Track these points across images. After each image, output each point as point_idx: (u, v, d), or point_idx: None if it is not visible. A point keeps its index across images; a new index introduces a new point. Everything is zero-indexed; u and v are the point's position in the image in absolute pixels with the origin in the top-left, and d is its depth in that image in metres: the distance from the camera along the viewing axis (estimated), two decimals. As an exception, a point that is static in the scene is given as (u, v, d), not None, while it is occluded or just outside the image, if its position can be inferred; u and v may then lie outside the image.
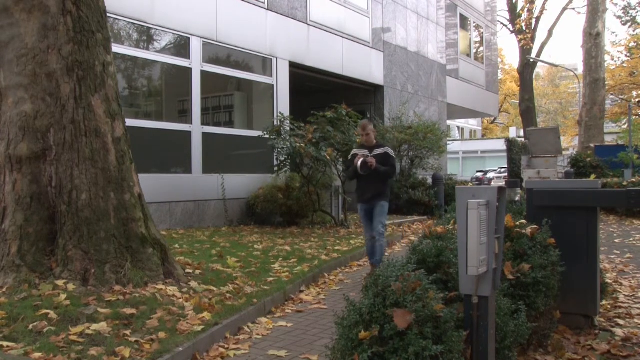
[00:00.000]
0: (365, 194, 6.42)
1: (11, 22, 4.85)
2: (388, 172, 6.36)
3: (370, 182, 6.32)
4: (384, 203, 6.40)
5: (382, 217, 6.36)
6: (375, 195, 6.36)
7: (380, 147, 6.54)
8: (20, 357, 3.11)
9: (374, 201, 6.36)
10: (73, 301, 4.17)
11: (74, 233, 4.77)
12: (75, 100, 4.90)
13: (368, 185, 6.36)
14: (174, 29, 10.26)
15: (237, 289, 5.14)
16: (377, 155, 6.34)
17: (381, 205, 6.35)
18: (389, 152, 6.47)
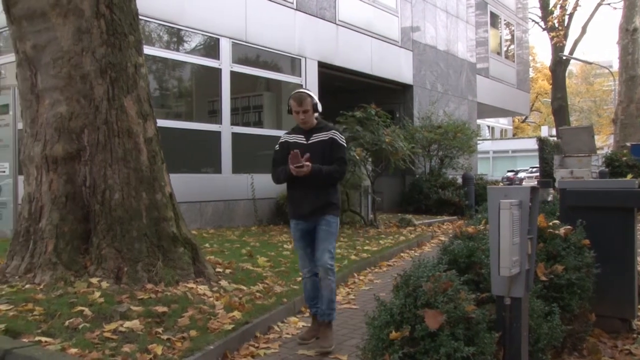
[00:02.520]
0: (300, 206, 4.20)
1: (48, 26, 4.96)
2: (333, 173, 4.12)
3: (309, 187, 4.12)
4: (332, 219, 4.17)
5: (330, 241, 4.15)
6: (316, 207, 4.14)
7: (323, 129, 4.26)
8: (57, 353, 3.18)
9: (314, 216, 4.16)
10: (107, 299, 4.24)
11: (107, 232, 4.85)
12: (108, 102, 4.99)
13: (305, 191, 4.15)
14: (203, 30, 10.36)
15: (266, 288, 5.16)
16: (318, 144, 4.17)
17: (327, 223, 4.15)
18: (336, 138, 4.21)
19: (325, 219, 4.16)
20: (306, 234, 4.23)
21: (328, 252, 4.12)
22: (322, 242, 4.14)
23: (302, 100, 4.21)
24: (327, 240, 4.14)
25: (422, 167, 14.65)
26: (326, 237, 4.14)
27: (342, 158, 4.19)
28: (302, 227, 4.22)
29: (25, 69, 5.13)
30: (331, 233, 4.17)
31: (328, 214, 4.17)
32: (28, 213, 5.05)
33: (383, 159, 10.59)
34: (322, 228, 4.15)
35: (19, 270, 4.85)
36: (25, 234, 5.02)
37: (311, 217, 4.16)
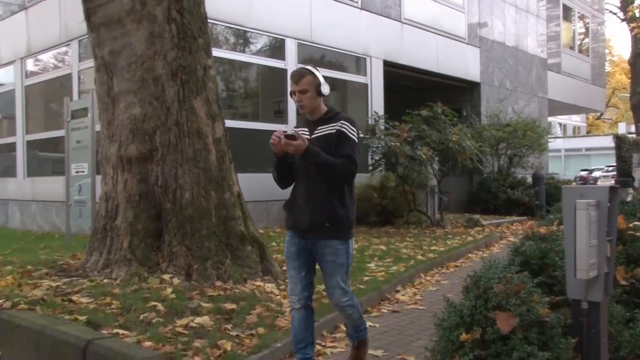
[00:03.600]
0: (298, 216, 3.23)
1: (123, 32, 5.17)
2: (336, 167, 3.07)
3: (312, 192, 3.16)
4: (340, 245, 3.16)
5: (339, 274, 3.19)
6: (317, 222, 3.14)
7: (331, 120, 3.23)
8: (133, 345, 3.30)
9: (314, 235, 3.17)
10: (178, 295, 4.37)
11: (178, 230, 5.00)
12: (179, 103, 5.14)
13: (306, 198, 3.18)
14: (269, 31, 10.50)
15: (332, 287, 5.16)
16: (323, 138, 3.16)
17: (334, 252, 3.15)
18: (344, 129, 3.16)
19: (331, 245, 3.12)
20: (303, 252, 3.23)
21: (339, 289, 3.18)
22: (329, 277, 3.19)
23: (299, 77, 3.25)
24: (336, 273, 3.16)
25: (490, 166, 14.29)
26: (334, 270, 3.16)
27: (349, 155, 3.08)
28: (299, 243, 3.23)
29: (103, 73, 5.36)
30: (340, 265, 3.16)
31: (335, 239, 3.13)
32: (105, 211, 5.28)
33: (450, 158, 10.40)
34: (327, 259, 3.15)
35: (98, 266, 5.08)
36: (102, 231, 5.25)
37: (310, 234, 3.17)
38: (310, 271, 3.27)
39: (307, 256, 3.24)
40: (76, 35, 9.98)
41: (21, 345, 3.71)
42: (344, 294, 3.24)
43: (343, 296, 3.24)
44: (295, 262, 3.25)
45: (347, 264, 3.25)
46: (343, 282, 3.21)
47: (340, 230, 3.17)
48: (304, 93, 3.22)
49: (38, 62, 11.92)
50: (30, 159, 11.77)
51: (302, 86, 3.23)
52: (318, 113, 3.29)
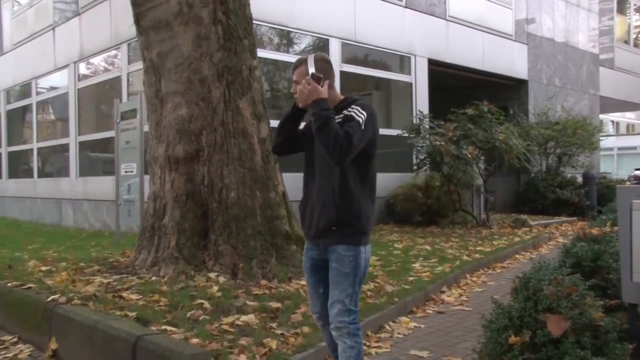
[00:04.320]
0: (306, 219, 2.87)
1: (171, 34, 5.27)
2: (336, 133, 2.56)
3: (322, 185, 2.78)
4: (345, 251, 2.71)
5: (342, 287, 2.70)
6: (323, 224, 2.75)
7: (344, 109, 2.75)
8: (181, 342, 3.36)
9: (322, 241, 2.78)
10: (224, 293, 4.42)
11: (224, 229, 5.07)
12: (224, 104, 5.21)
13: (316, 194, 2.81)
14: (313, 31, 10.53)
15: (377, 287, 5.14)
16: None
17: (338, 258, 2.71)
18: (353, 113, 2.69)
19: (337, 251, 2.70)
20: (319, 267, 2.85)
21: (339, 303, 2.68)
22: (332, 287, 2.73)
23: (294, 67, 2.87)
24: (339, 284, 2.69)
25: (538, 165, 13.95)
26: (336, 280, 2.70)
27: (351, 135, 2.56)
28: (313, 258, 2.87)
29: (151, 75, 5.48)
30: (344, 274, 2.68)
31: (341, 243, 2.70)
32: (153, 210, 5.39)
33: (496, 158, 10.20)
34: (332, 266, 2.73)
35: (146, 263, 5.19)
36: (150, 229, 5.36)
37: (319, 240, 2.78)
38: (327, 286, 2.81)
39: (323, 272, 2.82)
40: (125, 39, 10.24)
41: (76, 339, 3.83)
42: (344, 313, 2.67)
43: (342, 314, 2.67)
44: (311, 279, 2.93)
45: (355, 276, 2.70)
46: (347, 297, 2.67)
47: (348, 234, 2.70)
48: (298, 84, 2.82)
49: (90, 66, 12.28)
50: (82, 160, 12.15)
51: (295, 77, 2.88)
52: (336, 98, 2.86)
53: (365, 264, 2.77)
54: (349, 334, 2.69)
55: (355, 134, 2.59)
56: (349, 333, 2.69)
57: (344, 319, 2.68)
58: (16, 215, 14.58)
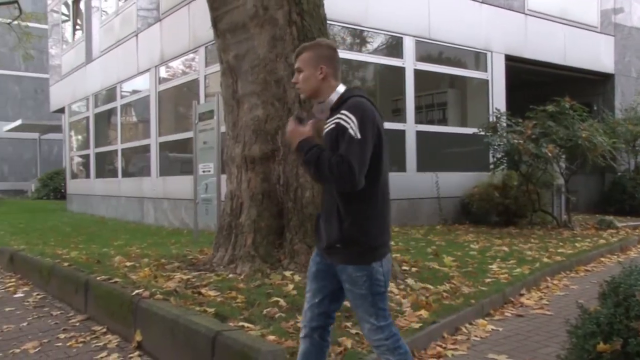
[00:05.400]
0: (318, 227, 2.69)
1: (247, 36, 5.38)
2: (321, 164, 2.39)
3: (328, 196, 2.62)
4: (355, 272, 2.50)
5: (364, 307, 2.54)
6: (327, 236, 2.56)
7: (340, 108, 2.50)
8: (258, 338, 3.42)
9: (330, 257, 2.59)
10: (299, 291, 4.46)
11: (299, 228, 5.12)
12: (299, 104, 5.26)
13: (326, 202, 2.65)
14: (387, 30, 10.46)
15: (453, 288, 5.05)
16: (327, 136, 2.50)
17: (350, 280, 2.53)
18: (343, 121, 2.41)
19: (346, 272, 2.52)
20: (323, 275, 2.65)
21: (367, 323, 2.55)
22: (353, 308, 2.63)
23: (298, 53, 2.66)
24: (359, 307, 2.55)
25: (626, 164, 13.25)
26: (355, 302, 2.56)
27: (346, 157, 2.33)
28: (319, 263, 2.67)
29: (228, 77, 5.62)
30: (360, 296, 2.52)
31: (349, 264, 2.50)
32: (230, 209, 5.53)
33: (578, 156, 9.78)
34: (346, 287, 2.57)
35: (223, 261, 5.33)
36: (227, 228, 5.50)
37: (327, 257, 2.61)
38: (327, 299, 2.65)
39: (327, 281, 2.63)
40: (203, 42, 10.56)
41: (158, 332, 3.98)
42: (375, 331, 2.53)
43: (375, 333, 2.54)
44: (312, 285, 2.69)
45: (373, 294, 2.51)
46: (371, 316, 2.52)
47: (355, 253, 2.48)
48: (300, 72, 2.62)
49: (169, 69, 12.75)
50: (162, 160, 12.63)
51: (298, 63, 2.63)
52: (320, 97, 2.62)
53: (385, 278, 2.53)
54: (389, 350, 2.55)
55: (351, 154, 2.34)
56: (389, 349, 2.55)
57: (378, 337, 2.54)
58: (102, 213, 15.37)
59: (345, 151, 2.35)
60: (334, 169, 2.34)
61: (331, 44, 2.69)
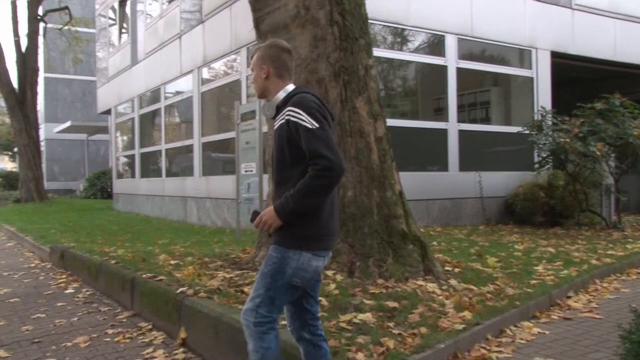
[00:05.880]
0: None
1: (289, 37, 5.40)
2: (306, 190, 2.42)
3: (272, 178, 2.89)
4: (272, 250, 2.58)
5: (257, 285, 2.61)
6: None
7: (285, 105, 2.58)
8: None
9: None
10: (341, 291, 4.46)
11: (341, 228, 5.10)
12: (341, 103, 5.25)
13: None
14: (429, 28, 10.36)
15: (497, 289, 4.96)
16: (275, 135, 2.60)
17: (267, 255, 2.62)
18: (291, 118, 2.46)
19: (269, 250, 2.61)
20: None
21: (250, 301, 2.59)
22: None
23: (252, 55, 2.78)
24: (257, 282, 2.61)
25: (679, 162, 12.77)
26: (257, 277, 2.63)
27: (312, 152, 2.39)
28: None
29: (270, 77, 5.65)
30: (263, 273, 2.58)
31: (274, 243, 2.59)
32: (272, 208, 5.55)
33: (629, 155, 9.48)
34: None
35: (266, 260, 5.36)
36: (269, 227, 5.52)
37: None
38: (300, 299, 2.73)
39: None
40: (244, 43, 10.67)
41: (202, 329, 4.04)
42: (250, 311, 2.56)
43: (248, 312, 2.57)
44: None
45: (274, 280, 2.52)
46: (257, 297, 2.56)
47: (281, 234, 2.53)
48: (255, 72, 2.73)
49: (211, 70, 12.93)
50: (204, 160, 12.82)
51: (251, 65, 2.75)
52: (268, 96, 2.70)
53: (292, 272, 2.51)
54: (251, 335, 2.56)
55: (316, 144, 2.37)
56: (251, 334, 2.55)
57: (247, 316, 2.57)
58: (147, 212, 15.71)
59: (308, 144, 2.38)
60: (319, 181, 2.38)
61: (279, 43, 2.73)
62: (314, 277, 2.65)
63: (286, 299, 2.61)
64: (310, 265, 2.54)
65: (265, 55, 2.69)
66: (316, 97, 2.58)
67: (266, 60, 2.68)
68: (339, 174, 2.40)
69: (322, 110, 2.50)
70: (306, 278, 2.57)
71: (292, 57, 2.74)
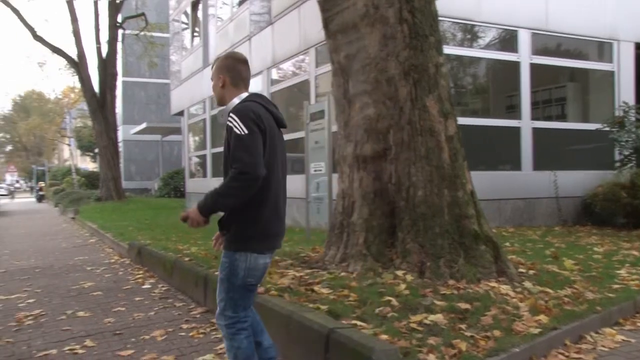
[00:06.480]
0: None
1: (358, 36, 5.40)
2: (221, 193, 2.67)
3: None
4: (223, 256, 2.84)
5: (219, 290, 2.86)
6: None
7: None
8: (372, 337, 3.42)
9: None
10: (412, 291, 4.41)
11: (411, 227, 5.06)
12: (411, 102, 5.20)
13: None
14: (500, 23, 10.09)
15: (576, 293, 4.76)
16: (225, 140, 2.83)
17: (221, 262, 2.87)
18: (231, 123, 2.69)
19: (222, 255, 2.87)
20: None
21: (218, 307, 2.87)
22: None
23: (212, 65, 3.04)
24: (218, 288, 2.86)
25: None
26: (218, 284, 2.88)
27: (234, 155, 2.62)
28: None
29: (339, 77, 5.67)
30: (220, 279, 2.84)
31: (224, 248, 2.84)
32: (342, 208, 5.57)
33: None
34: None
35: (335, 259, 5.38)
36: (339, 227, 5.55)
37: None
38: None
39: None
40: (313, 43, 10.75)
41: (273, 327, 4.08)
42: (219, 316, 2.85)
43: (218, 317, 2.86)
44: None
45: (229, 282, 2.78)
46: (221, 302, 2.82)
47: (227, 239, 2.81)
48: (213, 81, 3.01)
49: (280, 71, 13.10)
50: (274, 160, 12.97)
51: (211, 74, 3.04)
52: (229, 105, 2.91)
53: (245, 273, 2.76)
54: (225, 337, 2.85)
55: (240, 149, 2.60)
56: (225, 336, 2.84)
57: (219, 321, 2.85)
58: (219, 211, 16.07)
59: (233, 149, 2.64)
60: (233, 183, 2.61)
61: (235, 55, 3.00)
62: (264, 274, 2.90)
63: (247, 297, 2.87)
64: (258, 263, 2.79)
65: (222, 65, 2.93)
66: (263, 106, 2.79)
67: (223, 70, 2.92)
68: (253, 178, 2.60)
69: (258, 120, 2.68)
70: (258, 275, 2.84)
71: (248, 67, 2.99)
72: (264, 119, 2.73)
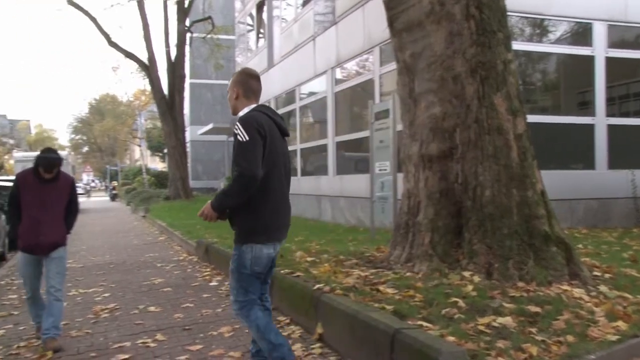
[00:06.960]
0: None
1: (423, 34, 5.34)
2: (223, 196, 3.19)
3: None
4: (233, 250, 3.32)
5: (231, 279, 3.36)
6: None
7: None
8: (438, 339, 3.38)
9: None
10: (479, 293, 4.32)
11: (478, 228, 4.96)
12: (478, 100, 5.09)
13: None
14: (573, 16, 9.72)
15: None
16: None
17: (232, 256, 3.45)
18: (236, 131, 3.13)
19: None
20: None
21: (231, 295, 3.34)
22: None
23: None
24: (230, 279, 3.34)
25: None
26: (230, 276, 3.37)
27: (234, 159, 3.08)
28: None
29: (404, 76, 5.62)
30: (230, 270, 3.31)
31: (234, 242, 3.28)
32: (407, 207, 5.53)
33: None
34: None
35: (400, 259, 5.35)
36: (404, 226, 5.50)
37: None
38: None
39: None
40: (377, 42, 10.70)
41: (338, 326, 4.12)
42: (234, 303, 3.30)
43: (233, 304, 3.31)
44: None
45: (239, 272, 3.23)
46: (233, 289, 3.28)
47: (235, 234, 3.26)
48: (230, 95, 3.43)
49: (344, 70, 13.12)
50: (338, 159, 13.03)
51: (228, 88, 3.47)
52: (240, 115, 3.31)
53: (251, 263, 3.19)
54: (243, 320, 3.30)
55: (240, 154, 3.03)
56: (242, 319, 3.31)
57: (235, 307, 3.30)
58: (283, 210, 16.26)
59: (235, 154, 3.05)
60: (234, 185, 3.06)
61: (248, 71, 3.45)
62: (269, 263, 3.30)
63: (256, 285, 3.28)
64: (263, 253, 3.20)
65: (236, 80, 3.37)
66: (267, 116, 3.23)
67: (237, 84, 3.35)
68: (249, 180, 3.02)
69: (259, 127, 3.08)
70: (263, 264, 3.24)
71: (259, 81, 3.42)
72: (265, 126, 3.13)
